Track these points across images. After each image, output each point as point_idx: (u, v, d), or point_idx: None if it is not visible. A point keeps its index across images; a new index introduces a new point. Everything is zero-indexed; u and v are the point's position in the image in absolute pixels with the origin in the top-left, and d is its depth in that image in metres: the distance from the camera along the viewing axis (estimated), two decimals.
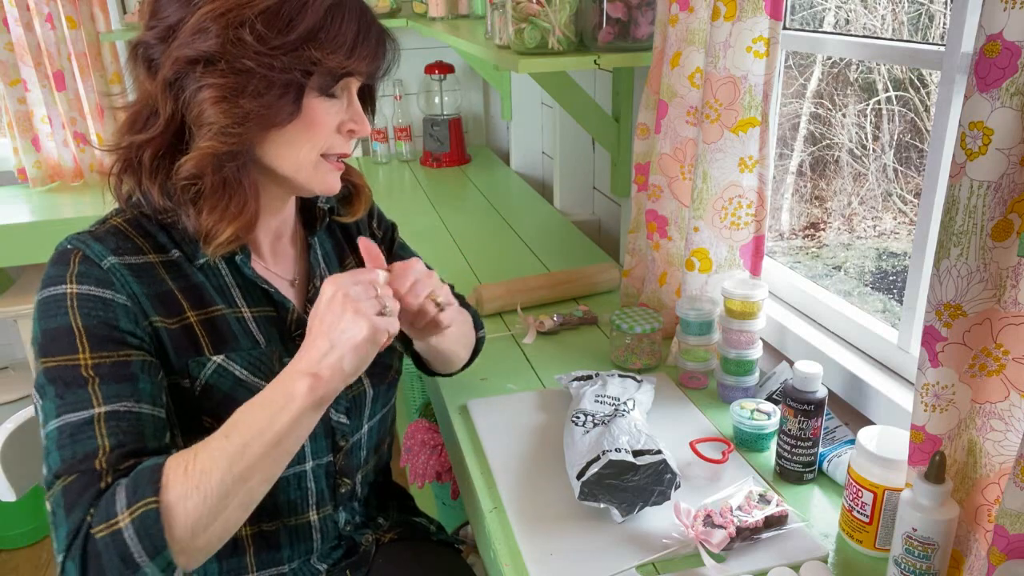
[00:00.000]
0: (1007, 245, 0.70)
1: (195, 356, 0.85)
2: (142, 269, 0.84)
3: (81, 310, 0.80)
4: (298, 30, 0.79)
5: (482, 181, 2.52)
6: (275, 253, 0.97)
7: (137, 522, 0.70)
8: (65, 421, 0.76)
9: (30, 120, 2.46)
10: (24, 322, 2.23)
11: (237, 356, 0.88)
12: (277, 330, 0.92)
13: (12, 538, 2.29)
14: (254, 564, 0.94)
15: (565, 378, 1.19)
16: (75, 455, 0.74)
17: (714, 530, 0.86)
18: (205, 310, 0.87)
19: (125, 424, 0.77)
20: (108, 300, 0.81)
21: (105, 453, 0.75)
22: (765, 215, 1.22)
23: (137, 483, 0.72)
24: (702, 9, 1.19)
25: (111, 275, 0.82)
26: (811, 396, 0.95)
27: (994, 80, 0.66)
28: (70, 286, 0.80)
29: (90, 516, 0.72)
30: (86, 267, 0.81)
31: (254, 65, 0.78)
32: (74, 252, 0.82)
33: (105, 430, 0.76)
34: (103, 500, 0.72)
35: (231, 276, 0.90)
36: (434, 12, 2.26)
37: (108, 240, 0.84)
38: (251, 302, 0.91)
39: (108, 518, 0.71)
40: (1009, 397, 0.74)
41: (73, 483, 0.73)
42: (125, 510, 0.71)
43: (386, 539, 1.09)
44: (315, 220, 1.01)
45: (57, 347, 0.78)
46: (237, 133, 0.80)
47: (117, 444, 0.75)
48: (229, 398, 0.86)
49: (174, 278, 0.86)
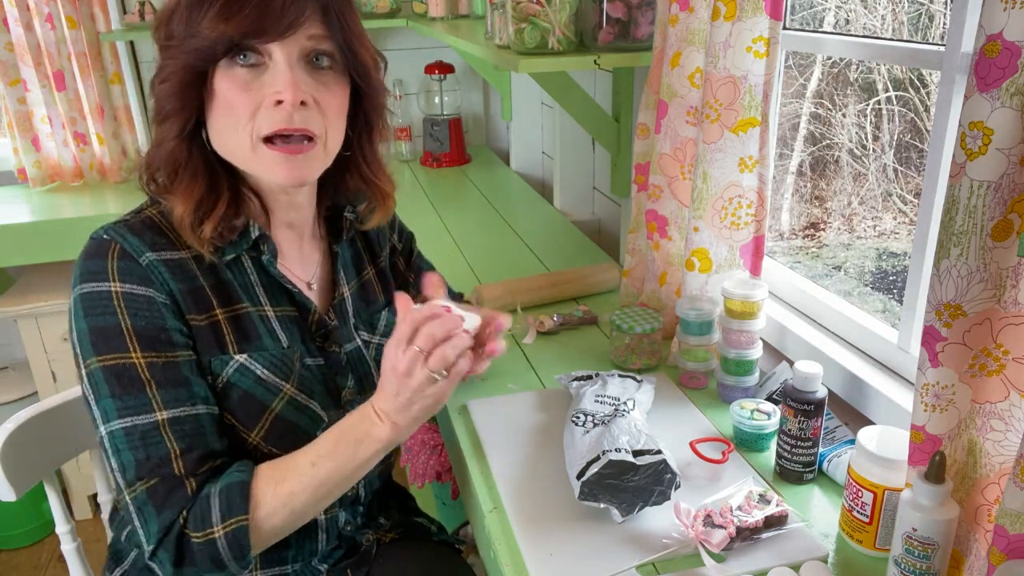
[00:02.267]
0: (1007, 245, 0.70)
1: (219, 354, 0.87)
2: (177, 265, 0.85)
3: (129, 310, 0.81)
4: (187, 14, 0.81)
5: (482, 181, 2.52)
6: (296, 255, 0.97)
7: (230, 535, 0.80)
8: (132, 423, 0.80)
9: (30, 120, 2.45)
10: (24, 322, 2.23)
11: (259, 356, 0.89)
12: (299, 330, 0.93)
13: (12, 538, 2.29)
14: (259, 564, 0.94)
15: (565, 378, 1.19)
16: (149, 458, 0.81)
17: (714, 530, 0.86)
18: (232, 307, 0.88)
19: (188, 428, 0.82)
20: (152, 299, 0.82)
21: (177, 456, 0.81)
22: (765, 215, 1.22)
23: (231, 499, 0.81)
24: (702, 9, 1.19)
25: (150, 272, 0.83)
26: (811, 396, 0.95)
27: (994, 80, 0.66)
28: (114, 284, 0.81)
29: (182, 519, 0.80)
30: (126, 263, 0.82)
31: (162, 58, 0.84)
32: (111, 244, 0.83)
33: (172, 435, 0.81)
34: (196, 507, 0.81)
35: (256, 275, 0.91)
36: (434, 12, 2.26)
37: (145, 234, 0.85)
38: (274, 302, 0.92)
39: (204, 527, 0.80)
40: (1009, 397, 0.74)
41: (157, 486, 0.80)
42: (220, 524, 0.80)
43: (387, 539, 1.09)
44: (341, 228, 1.01)
45: (109, 346, 0.81)
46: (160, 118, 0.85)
47: (186, 448, 0.82)
48: (248, 396, 0.88)
49: (204, 274, 0.87)
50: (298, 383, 0.91)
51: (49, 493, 1.11)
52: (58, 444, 1.11)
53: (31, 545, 2.31)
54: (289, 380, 0.90)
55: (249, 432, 0.88)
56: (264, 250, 0.90)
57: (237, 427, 0.88)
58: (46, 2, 2.34)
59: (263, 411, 0.88)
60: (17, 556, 2.27)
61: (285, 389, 0.90)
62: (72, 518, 1.13)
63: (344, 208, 1.01)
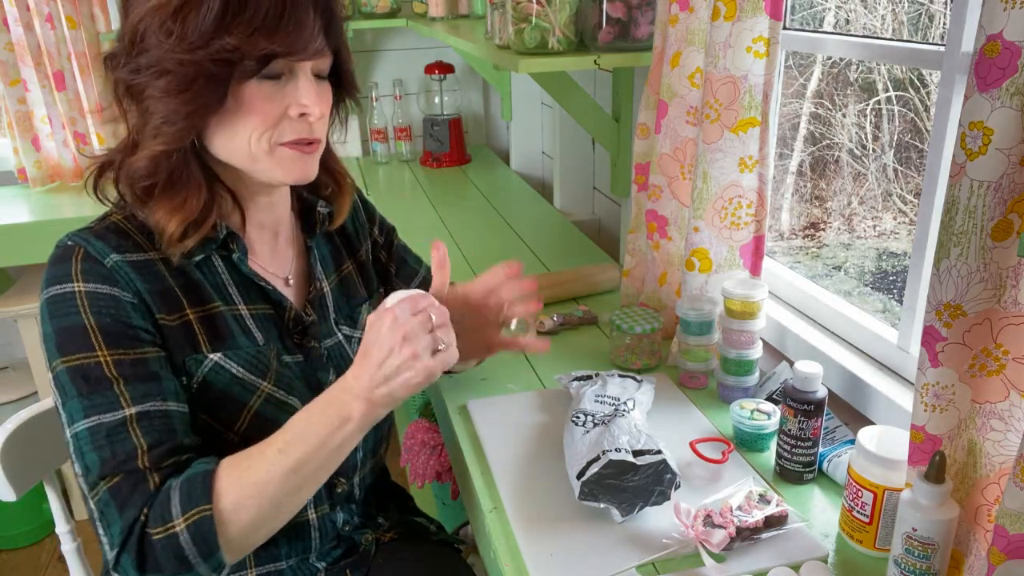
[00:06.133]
0: (1007, 245, 0.70)
1: (193, 354, 0.86)
2: (143, 266, 0.84)
3: (92, 308, 0.80)
4: (208, 21, 0.78)
5: (482, 181, 2.52)
6: (271, 252, 0.97)
7: (192, 528, 0.75)
8: (98, 422, 0.78)
9: (30, 120, 2.45)
10: (24, 322, 2.23)
11: (234, 354, 0.88)
12: (275, 328, 0.93)
13: (12, 538, 2.29)
14: (252, 560, 0.94)
15: (565, 378, 1.19)
16: (115, 455, 0.77)
17: (714, 530, 0.86)
18: (204, 307, 0.88)
19: (157, 423, 0.80)
20: (117, 297, 0.81)
21: (144, 452, 0.78)
22: (765, 215, 1.22)
23: (191, 490, 0.77)
24: (702, 9, 1.19)
25: (115, 273, 0.82)
26: (811, 396, 0.95)
27: (994, 80, 0.66)
28: (77, 284, 0.81)
29: (144, 516, 0.76)
30: (90, 264, 0.82)
31: (173, 65, 0.79)
32: (76, 249, 0.83)
33: (139, 430, 0.78)
34: (157, 502, 0.76)
35: (228, 274, 0.91)
36: (434, 12, 2.26)
37: (109, 238, 0.84)
38: (248, 300, 0.91)
39: (164, 521, 0.76)
40: (1009, 397, 0.74)
41: (120, 483, 0.77)
42: (180, 516, 0.76)
43: (386, 539, 1.09)
44: (315, 223, 1.01)
45: (74, 346, 0.79)
46: (170, 132, 0.81)
47: (154, 443, 0.79)
48: (225, 395, 0.87)
49: (174, 275, 0.86)
50: (275, 380, 0.90)
51: (49, 493, 1.11)
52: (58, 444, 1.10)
53: (31, 545, 2.31)
54: (266, 378, 0.90)
55: (228, 431, 0.88)
56: (234, 248, 0.90)
57: (216, 427, 0.87)
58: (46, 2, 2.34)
59: (241, 409, 0.88)
60: (17, 556, 2.27)
61: (262, 387, 0.89)
62: (72, 518, 1.13)
63: (317, 203, 1.01)
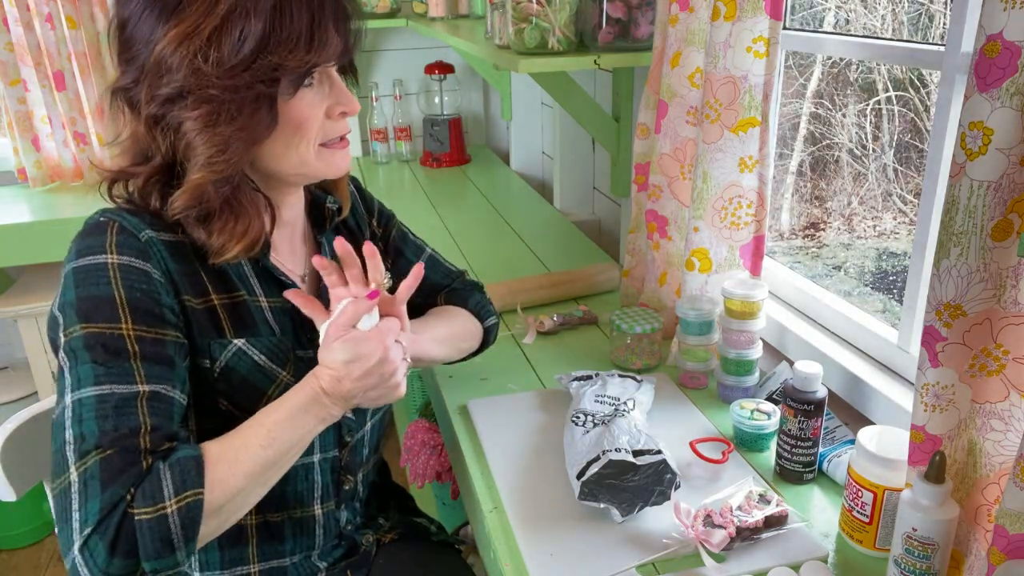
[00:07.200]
0: (1007, 245, 0.70)
1: (217, 338, 0.87)
2: (174, 247, 0.85)
3: (124, 281, 0.79)
4: (249, 43, 0.77)
5: (482, 181, 2.52)
6: (290, 250, 0.98)
7: (184, 510, 0.73)
8: (110, 391, 0.75)
9: (30, 120, 2.45)
10: (24, 322, 2.23)
11: (257, 342, 0.89)
12: (291, 322, 0.93)
13: (12, 538, 2.29)
14: (256, 555, 0.94)
15: (565, 378, 1.19)
16: (117, 428, 0.74)
17: (714, 530, 0.86)
18: (229, 295, 0.89)
19: (163, 406, 0.78)
20: (149, 273, 0.81)
21: (147, 432, 0.75)
22: (765, 215, 1.22)
23: (184, 472, 0.74)
24: (702, 9, 1.19)
25: (149, 248, 0.82)
26: (811, 396, 0.95)
27: (994, 80, 0.66)
28: (110, 256, 0.80)
29: (130, 495, 0.72)
30: (125, 237, 0.81)
31: (218, 91, 0.78)
32: (109, 223, 0.82)
33: (147, 410, 0.76)
34: (146, 483, 0.73)
35: (250, 266, 0.92)
36: (434, 12, 2.26)
37: (143, 215, 0.84)
38: (268, 292, 0.92)
39: (155, 501, 0.72)
40: (1009, 397, 0.74)
41: (114, 457, 0.73)
42: (173, 497, 0.72)
43: (386, 539, 1.09)
44: (324, 219, 1.02)
45: (100, 315, 0.78)
46: (223, 160, 0.80)
47: (156, 425, 0.76)
48: (246, 382, 0.88)
49: (200, 260, 0.87)
50: (294, 372, 0.91)
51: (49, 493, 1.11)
52: None
53: (31, 545, 2.31)
54: (285, 368, 0.90)
55: (247, 416, 0.88)
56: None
57: (235, 412, 0.87)
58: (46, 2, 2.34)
59: (260, 396, 0.89)
60: (17, 556, 2.27)
61: (282, 376, 0.90)
62: None
63: (325, 199, 1.01)
